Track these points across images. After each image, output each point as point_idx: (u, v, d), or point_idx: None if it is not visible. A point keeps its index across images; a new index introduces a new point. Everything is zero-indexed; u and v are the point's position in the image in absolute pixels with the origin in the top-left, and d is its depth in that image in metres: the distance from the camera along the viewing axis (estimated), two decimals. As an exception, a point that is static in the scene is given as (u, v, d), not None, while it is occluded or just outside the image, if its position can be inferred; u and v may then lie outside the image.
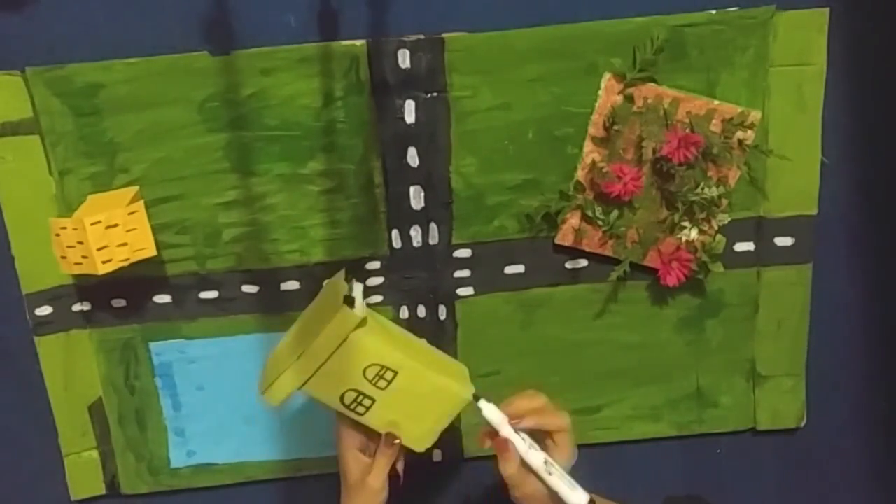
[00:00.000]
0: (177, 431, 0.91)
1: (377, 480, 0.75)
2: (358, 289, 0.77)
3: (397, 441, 0.76)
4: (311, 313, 0.80)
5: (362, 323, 0.72)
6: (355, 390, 0.74)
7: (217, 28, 0.80)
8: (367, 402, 0.75)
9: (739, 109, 0.83)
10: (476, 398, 0.74)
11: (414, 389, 0.74)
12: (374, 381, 0.74)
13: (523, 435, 0.73)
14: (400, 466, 0.78)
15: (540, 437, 0.75)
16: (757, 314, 0.91)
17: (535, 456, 0.72)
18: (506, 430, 0.73)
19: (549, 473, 0.72)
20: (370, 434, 0.77)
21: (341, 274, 0.79)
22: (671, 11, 0.81)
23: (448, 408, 0.77)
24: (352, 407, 0.75)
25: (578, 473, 0.80)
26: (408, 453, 0.78)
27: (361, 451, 0.78)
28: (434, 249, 0.87)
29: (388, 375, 0.74)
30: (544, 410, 0.74)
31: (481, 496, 0.76)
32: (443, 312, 0.89)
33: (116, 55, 0.80)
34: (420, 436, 0.77)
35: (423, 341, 0.86)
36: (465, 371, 0.82)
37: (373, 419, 0.76)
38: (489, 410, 0.74)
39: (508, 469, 0.72)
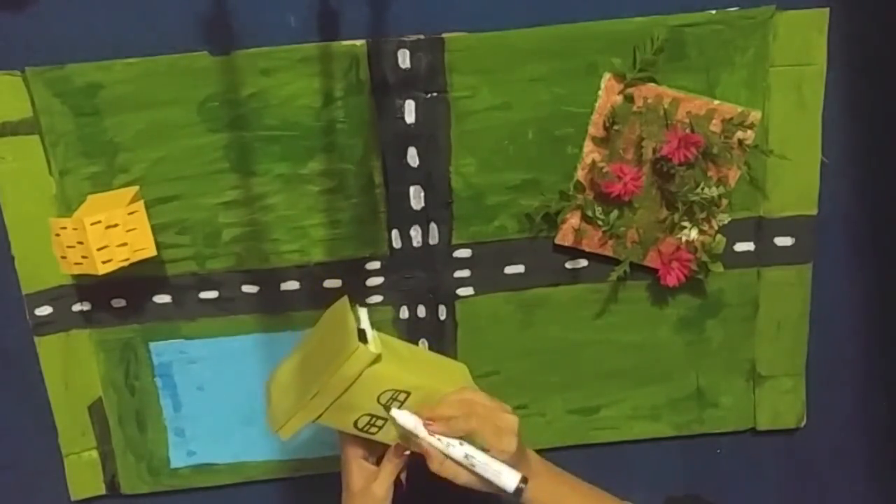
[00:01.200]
0: (177, 431, 0.91)
1: (382, 488, 0.75)
2: (364, 316, 0.76)
3: (407, 452, 0.76)
4: (317, 342, 0.78)
5: (378, 358, 0.71)
6: (369, 415, 0.74)
7: (217, 28, 0.80)
8: (379, 423, 0.74)
9: (739, 109, 0.83)
10: (387, 408, 0.74)
11: (424, 405, 0.74)
12: (387, 405, 0.73)
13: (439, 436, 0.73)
14: (403, 475, 0.78)
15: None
16: (757, 314, 0.91)
17: (454, 451, 0.72)
18: (421, 433, 0.73)
19: (472, 465, 0.72)
20: (374, 442, 0.77)
21: (346, 301, 0.78)
22: (671, 11, 0.81)
23: None
24: (365, 429, 0.75)
25: (579, 473, 0.81)
26: (412, 459, 0.78)
27: (365, 459, 0.77)
28: (434, 249, 0.87)
29: (401, 397, 0.73)
30: (456, 415, 0.73)
31: (481, 496, 0.76)
32: (443, 312, 0.89)
33: (116, 55, 0.80)
34: None
35: (422, 348, 0.86)
36: (466, 371, 0.82)
37: (385, 436, 0.76)
38: (403, 417, 0.74)
39: (432, 467, 0.73)
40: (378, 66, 0.81)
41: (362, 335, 0.73)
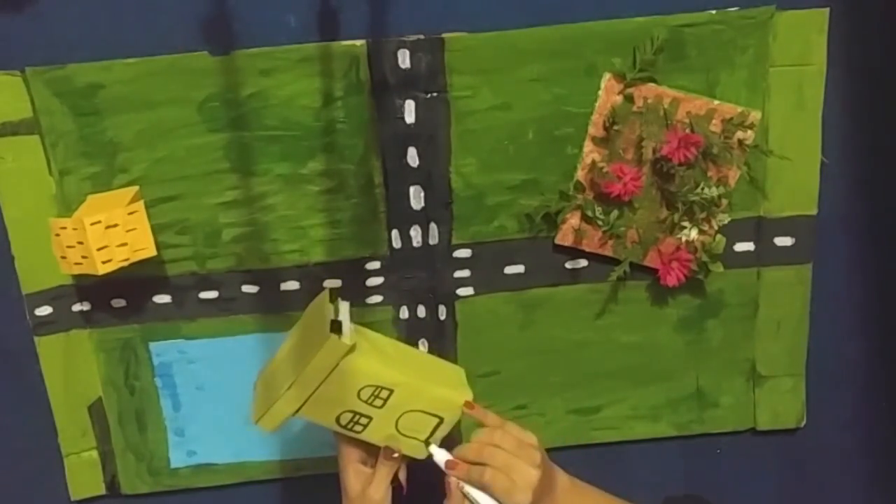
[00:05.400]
0: (177, 431, 0.91)
1: (378, 492, 0.75)
2: (344, 309, 0.75)
3: (396, 455, 0.76)
4: (299, 336, 0.78)
5: (352, 349, 0.71)
6: (351, 411, 0.74)
7: (217, 28, 0.80)
8: (364, 421, 0.75)
9: (739, 109, 0.83)
10: (427, 444, 0.75)
11: (411, 404, 0.74)
12: (369, 401, 0.74)
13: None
14: (402, 476, 0.78)
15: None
16: (757, 314, 0.91)
17: (471, 491, 0.73)
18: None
19: None
20: (370, 446, 0.77)
21: (325, 295, 0.78)
22: (671, 11, 0.81)
23: (447, 416, 0.77)
24: (349, 427, 0.75)
25: (579, 474, 0.81)
26: (410, 461, 0.78)
27: (362, 463, 0.77)
28: (434, 249, 0.87)
29: (384, 394, 0.73)
30: (476, 460, 0.74)
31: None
32: (443, 312, 0.89)
33: (116, 55, 0.80)
34: (420, 445, 0.77)
35: (415, 349, 0.86)
36: (462, 374, 0.81)
37: (371, 435, 0.76)
38: (439, 454, 0.75)
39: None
40: (378, 66, 0.81)
41: (338, 327, 0.72)
